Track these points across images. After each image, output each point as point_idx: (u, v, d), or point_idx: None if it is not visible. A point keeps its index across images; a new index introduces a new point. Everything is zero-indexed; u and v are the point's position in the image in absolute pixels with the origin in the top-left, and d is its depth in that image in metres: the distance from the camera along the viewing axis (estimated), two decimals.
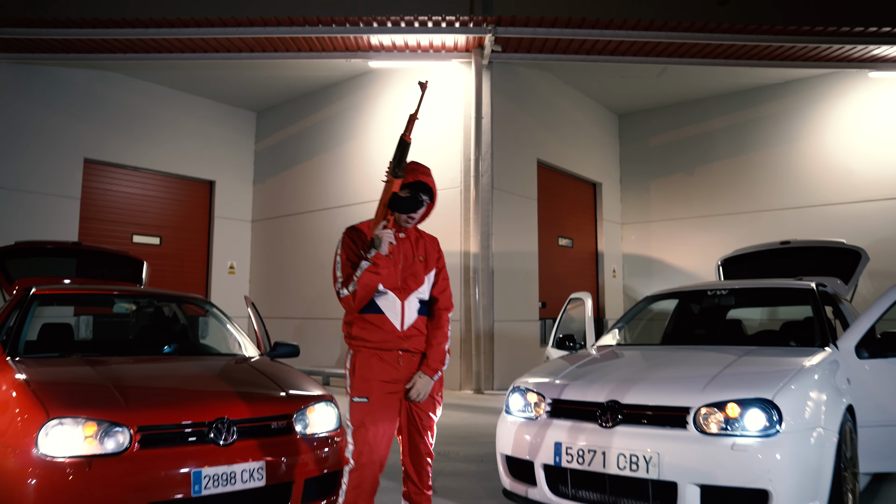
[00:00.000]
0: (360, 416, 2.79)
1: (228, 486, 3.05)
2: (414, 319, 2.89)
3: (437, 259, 3.04)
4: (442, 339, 2.93)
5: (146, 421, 3.00)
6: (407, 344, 2.86)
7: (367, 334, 2.85)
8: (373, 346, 2.85)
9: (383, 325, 2.84)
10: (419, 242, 3.00)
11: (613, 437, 3.14)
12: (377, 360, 2.83)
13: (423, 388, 2.84)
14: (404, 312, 2.87)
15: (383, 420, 2.80)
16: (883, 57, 10.03)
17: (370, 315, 2.85)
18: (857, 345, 3.76)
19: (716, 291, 4.72)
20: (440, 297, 3.00)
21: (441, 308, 2.99)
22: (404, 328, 2.86)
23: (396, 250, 2.90)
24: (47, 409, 2.91)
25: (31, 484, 2.75)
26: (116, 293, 4.90)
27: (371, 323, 2.85)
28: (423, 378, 2.84)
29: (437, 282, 3.02)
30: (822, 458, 2.98)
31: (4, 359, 3.56)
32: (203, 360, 4.25)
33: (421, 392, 2.84)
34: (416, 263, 2.95)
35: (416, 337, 2.89)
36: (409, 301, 2.89)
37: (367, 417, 2.78)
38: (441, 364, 2.90)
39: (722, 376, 3.23)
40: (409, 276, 2.91)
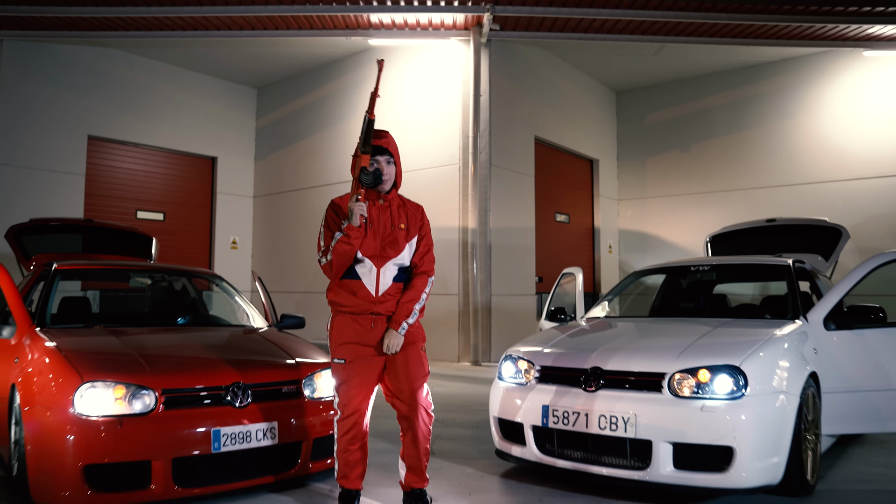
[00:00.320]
0: (341, 375, 3.09)
1: (244, 444, 3.37)
2: (388, 286, 3.11)
3: (420, 227, 3.22)
4: (411, 298, 3.12)
5: (169, 385, 3.32)
6: (379, 308, 3.09)
7: (342, 299, 3.10)
8: (348, 310, 3.10)
9: (358, 291, 3.08)
10: (401, 211, 3.20)
11: (595, 400, 3.45)
12: (352, 323, 3.09)
13: (392, 341, 3.05)
14: (379, 279, 3.09)
15: (361, 378, 3.06)
16: (877, 36, 10.18)
17: (347, 281, 3.09)
18: (825, 317, 4.06)
19: (699, 267, 5.02)
20: (420, 262, 3.19)
21: (419, 271, 3.18)
22: (378, 294, 3.09)
23: (376, 219, 3.12)
24: (81, 374, 3.22)
25: (70, 440, 3.08)
26: (133, 268, 5.20)
27: (347, 288, 3.09)
28: (389, 332, 3.06)
29: (418, 248, 3.21)
30: (783, 419, 3.30)
31: (34, 329, 3.86)
32: (216, 331, 4.57)
33: (391, 345, 3.05)
34: (397, 231, 3.15)
35: (389, 302, 3.10)
36: (386, 268, 3.11)
37: (346, 376, 3.07)
38: (405, 318, 3.09)
39: (695, 345, 3.54)
40: (389, 244, 3.12)
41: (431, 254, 3.26)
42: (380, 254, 3.10)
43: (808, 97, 11.70)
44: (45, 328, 3.94)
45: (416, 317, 3.14)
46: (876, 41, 10.36)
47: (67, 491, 3.07)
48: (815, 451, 3.66)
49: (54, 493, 3.10)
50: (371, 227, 3.10)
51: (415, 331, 3.16)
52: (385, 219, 3.15)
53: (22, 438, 3.25)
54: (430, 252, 3.25)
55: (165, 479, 3.18)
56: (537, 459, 3.67)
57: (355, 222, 3.00)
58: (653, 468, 3.27)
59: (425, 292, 3.18)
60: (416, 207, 3.28)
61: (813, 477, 3.59)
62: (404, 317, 3.09)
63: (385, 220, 3.15)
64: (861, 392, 4.02)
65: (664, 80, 13.20)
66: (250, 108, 13.61)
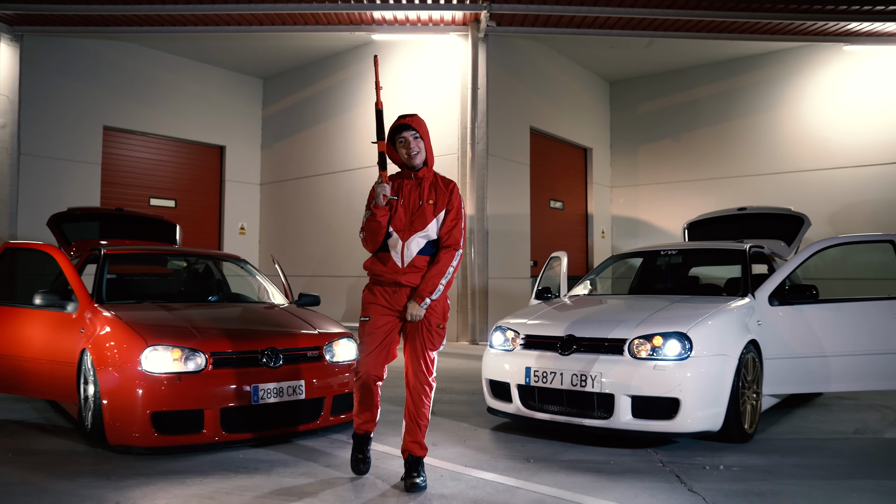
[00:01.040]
0: (363, 330, 3.46)
1: (278, 398, 4.14)
2: (413, 257, 3.37)
3: (448, 201, 3.43)
4: (436, 273, 3.35)
5: (216, 349, 4.07)
6: (402, 279, 3.38)
7: (374, 268, 3.47)
8: (377, 278, 3.47)
9: (386, 262, 3.42)
10: (432, 187, 3.45)
11: (568, 361, 4.21)
12: (379, 288, 3.46)
13: (414, 311, 3.33)
14: (404, 251, 3.38)
15: (377, 335, 3.38)
16: (857, 31, 10.84)
17: (380, 253, 3.46)
18: (769, 295, 4.80)
19: (668, 251, 5.77)
20: (447, 236, 3.41)
21: (445, 244, 3.41)
22: (404, 265, 3.38)
23: (406, 195, 3.42)
24: (145, 339, 3.97)
25: (139, 392, 3.84)
26: (171, 252, 5.95)
27: (380, 259, 3.46)
28: (412, 304, 3.34)
29: (445, 222, 3.42)
30: (722, 376, 4.05)
31: (94, 305, 4.60)
32: (246, 306, 5.32)
33: (412, 315, 3.35)
34: (426, 206, 3.40)
35: (412, 273, 3.37)
36: (411, 241, 3.38)
37: (367, 331, 3.43)
38: (429, 293, 3.33)
39: (653, 317, 4.29)
40: (416, 219, 3.38)
41: (459, 228, 3.42)
42: (407, 227, 3.38)
43: (791, 89, 12.38)
44: (103, 304, 4.68)
45: (440, 292, 3.36)
46: (855, 36, 11.01)
47: (138, 433, 3.83)
48: (755, 407, 4.43)
49: (127, 436, 3.87)
50: (402, 203, 3.40)
51: (437, 307, 3.39)
52: (415, 195, 3.42)
53: (97, 394, 4.01)
54: (457, 226, 3.42)
55: (215, 425, 3.95)
56: (521, 413, 4.44)
57: (380, 202, 3.34)
58: (615, 417, 4.04)
59: (452, 266, 3.38)
60: (446, 183, 3.49)
61: (752, 427, 4.36)
62: (428, 292, 3.33)
63: (415, 195, 3.42)
64: (798, 358, 4.77)
65: (656, 71, 13.86)
66: (257, 98, 14.28)
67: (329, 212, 12.85)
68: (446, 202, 3.42)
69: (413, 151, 3.39)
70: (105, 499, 3.18)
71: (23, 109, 10.93)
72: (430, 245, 3.41)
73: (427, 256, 3.41)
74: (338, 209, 12.68)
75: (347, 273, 12.29)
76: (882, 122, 11.48)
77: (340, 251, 12.49)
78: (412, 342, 3.43)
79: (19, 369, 4.97)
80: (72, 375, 4.46)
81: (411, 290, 3.40)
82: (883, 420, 5.06)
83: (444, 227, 3.41)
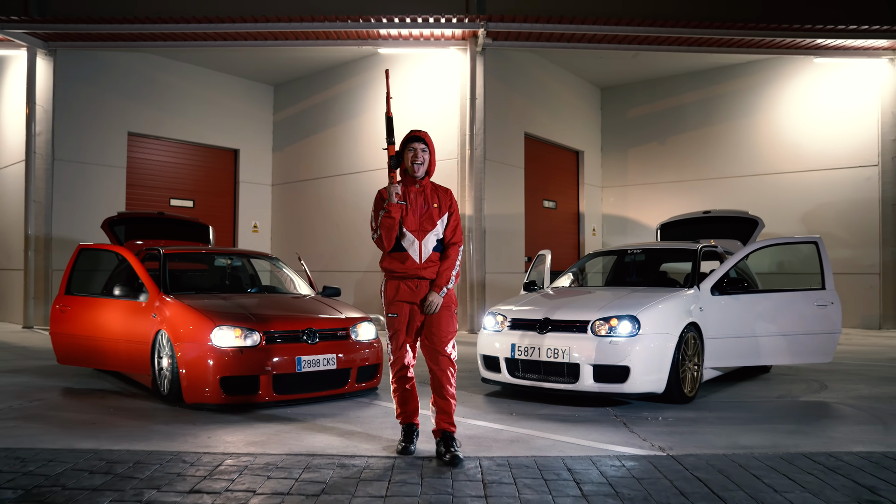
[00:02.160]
0: (393, 326, 3.96)
1: (315, 367, 5.36)
2: (429, 254, 3.91)
3: (449, 205, 3.98)
4: (448, 266, 3.92)
5: (267, 328, 5.29)
6: (423, 273, 3.89)
7: (394, 267, 3.92)
8: (398, 275, 3.93)
9: (405, 261, 3.89)
10: (434, 193, 3.99)
11: (545, 339, 5.44)
12: (401, 285, 3.93)
13: (434, 301, 3.87)
14: (421, 249, 3.89)
15: (410, 330, 3.94)
16: (825, 46, 12.05)
17: (396, 253, 3.92)
18: (712, 286, 6.02)
19: (633, 251, 7.00)
20: (452, 235, 3.97)
21: (450, 243, 3.96)
22: (422, 261, 3.89)
23: (413, 201, 3.90)
24: (213, 321, 5.20)
25: (210, 362, 5.06)
26: (216, 251, 7.18)
27: (397, 258, 3.92)
28: (432, 294, 3.88)
29: (448, 223, 3.97)
30: (664, 350, 5.28)
31: (162, 295, 5.82)
32: (282, 295, 6.55)
33: (432, 304, 3.86)
34: (431, 209, 3.92)
35: (430, 267, 3.91)
36: (426, 240, 3.90)
37: (397, 327, 3.94)
38: (445, 283, 3.89)
39: (611, 304, 5.51)
40: (426, 220, 3.90)
41: (460, 228, 4.02)
42: (420, 228, 3.89)
43: (767, 97, 13.59)
44: (169, 294, 5.90)
45: (453, 282, 3.95)
46: (824, 50, 12.22)
47: (210, 393, 5.06)
48: (695, 376, 5.65)
49: (201, 395, 5.10)
50: (410, 207, 3.90)
51: (450, 296, 3.98)
52: (420, 200, 3.93)
53: (174, 364, 5.23)
54: (458, 226, 4.02)
55: (268, 388, 5.17)
56: (508, 380, 5.67)
57: (393, 199, 3.80)
58: (580, 382, 5.27)
59: (458, 259, 4.00)
60: (444, 190, 4.05)
61: (692, 391, 5.58)
62: (445, 283, 3.90)
63: (420, 201, 3.93)
64: (733, 338, 6.00)
65: (644, 79, 15.07)
66: (268, 104, 15.48)
67: (337, 211, 14.06)
68: (448, 206, 4.00)
69: (419, 161, 3.90)
70: (198, 434, 4.41)
71: (56, 118, 12.13)
72: (439, 243, 3.97)
73: (438, 252, 3.96)
74: (345, 209, 13.90)
75: (355, 268, 13.52)
76: (849, 128, 12.70)
77: (348, 248, 13.71)
78: (433, 330, 3.89)
79: (99, 348, 6.22)
80: (146, 352, 5.69)
81: (430, 282, 3.94)
82: (807, 389, 6.28)
83: (449, 227, 3.98)
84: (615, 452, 4.03)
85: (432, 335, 3.91)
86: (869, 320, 12.49)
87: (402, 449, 4.00)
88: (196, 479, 3.46)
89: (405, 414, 4.05)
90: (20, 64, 12.52)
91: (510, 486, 3.38)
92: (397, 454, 3.97)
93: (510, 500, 3.17)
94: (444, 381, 3.87)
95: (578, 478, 3.52)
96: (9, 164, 12.99)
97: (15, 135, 12.79)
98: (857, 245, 12.61)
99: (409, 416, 4.05)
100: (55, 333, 6.60)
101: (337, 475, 3.55)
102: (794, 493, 3.26)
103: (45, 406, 5.37)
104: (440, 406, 3.88)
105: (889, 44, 11.89)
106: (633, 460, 3.86)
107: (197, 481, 3.42)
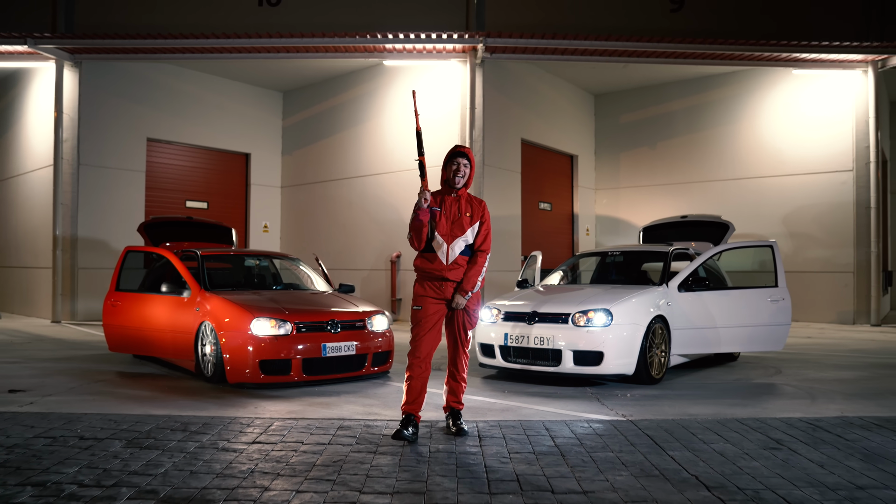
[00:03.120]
0: (416, 318, 4.48)
1: (337, 353, 6.42)
2: (456, 257, 4.38)
3: (482, 216, 4.49)
4: (475, 272, 4.41)
5: (297, 319, 6.34)
6: (449, 274, 4.39)
7: (423, 265, 4.48)
8: (426, 274, 4.48)
9: (433, 261, 4.43)
10: (468, 203, 4.50)
11: (533, 329, 6.49)
12: (428, 283, 4.47)
13: (459, 301, 4.40)
14: (449, 252, 4.39)
15: (429, 321, 4.45)
16: (803, 59, 13.08)
17: (427, 254, 4.48)
18: (679, 284, 7.07)
19: (613, 253, 8.06)
20: (482, 243, 4.47)
21: (479, 250, 4.46)
22: (448, 263, 4.39)
23: (448, 208, 4.43)
24: (252, 313, 6.25)
25: (250, 348, 6.12)
26: (245, 253, 8.23)
27: (427, 258, 4.48)
28: (457, 297, 4.41)
29: (479, 231, 4.46)
30: (634, 338, 6.33)
31: (203, 291, 6.86)
32: (304, 291, 7.61)
33: (457, 304, 4.40)
34: (464, 217, 4.42)
35: (456, 270, 4.39)
36: (455, 244, 4.40)
37: (419, 318, 4.46)
38: (471, 287, 4.39)
39: (589, 299, 6.57)
40: (456, 227, 4.41)
41: (490, 237, 4.50)
42: (450, 233, 4.40)
43: (751, 106, 14.65)
44: (209, 290, 6.94)
45: (478, 287, 4.45)
46: (802, 62, 13.25)
47: (250, 374, 6.11)
48: (662, 361, 6.71)
49: (242, 376, 6.15)
50: (444, 213, 4.41)
51: (474, 297, 4.50)
52: (455, 208, 4.45)
53: (218, 350, 6.28)
54: (489, 236, 4.50)
55: (298, 370, 6.23)
56: (502, 365, 6.74)
57: (421, 204, 4.33)
58: (562, 365, 6.32)
59: (485, 266, 4.50)
60: (479, 202, 4.54)
61: (659, 374, 6.64)
62: (470, 287, 4.41)
63: (455, 209, 4.45)
64: (696, 329, 7.06)
65: (635, 86, 16.12)
66: (277, 110, 16.52)
67: (343, 213, 15.11)
68: (480, 216, 4.51)
69: (461, 174, 4.46)
70: (245, 405, 5.47)
71: (81, 125, 13.16)
72: (467, 248, 4.46)
73: (466, 256, 4.45)
74: (352, 210, 14.95)
75: (361, 267, 14.57)
76: (826, 135, 13.75)
77: (354, 248, 14.76)
78: (453, 325, 4.51)
79: (147, 338, 7.28)
80: (190, 341, 6.75)
81: (456, 283, 4.45)
82: (763, 374, 7.34)
83: (479, 236, 4.49)
84: (586, 418, 5.09)
85: (455, 327, 4.51)
86: (844, 315, 13.55)
87: (397, 434, 4.33)
88: (254, 434, 4.52)
89: (411, 404, 4.42)
90: (47, 75, 13.55)
91: (500, 439, 4.44)
92: (392, 438, 4.34)
93: (499, 447, 4.23)
94: (459, 366, 4.54)
95: (553, 434, 4.58)
96: (36, 169, 14.03)
97: (42, 141, 13.82)
98: (834, 245, 13.67)
99: (414, 407, 4.43)
100: (108, 325, 7.67)
101: (364, 432, 4.61)
102: (718, 444, 4.32)
103: (109, 385, 6.43)
104: (452, 387, 4.57)
105: (862, 57, 12.93)
106: (598, 423, 4.92)
107: (256, 436, 4.48)
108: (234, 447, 4.19)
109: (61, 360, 8.05)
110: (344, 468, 3.77)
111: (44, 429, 4.59)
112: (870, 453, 4.10)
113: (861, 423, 4.90)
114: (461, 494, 3.35)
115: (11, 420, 4.84)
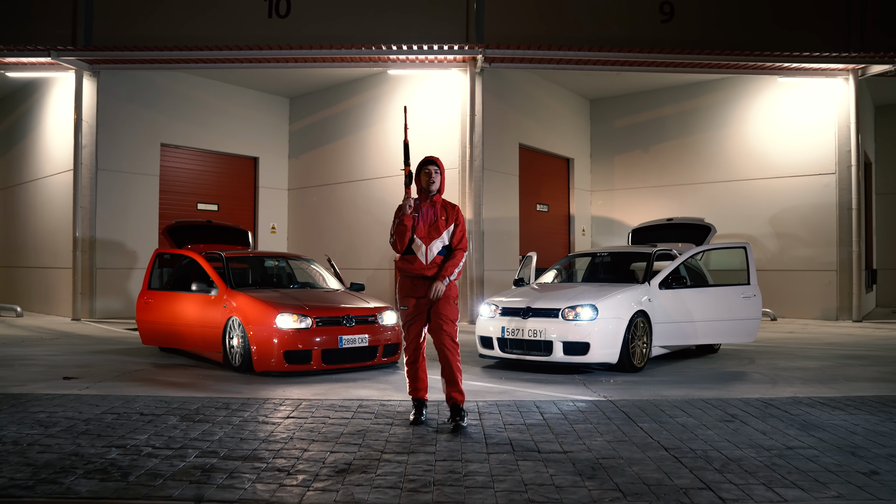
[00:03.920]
0: (404, 317, 5.00)
1: (352, 345, 7.26)
2: (434, 257, 4.87)
3: (456, 218, 4.96)
4: (453, 264, 4.88)
5: (317, 314, 7.18)
6: (427, 272, 4.88)
7: (404, 266, 4.96)
8: (407, 273, 4.96)
9: (414, 262, 4.90)
10: (443, 208, 4.96)
11: (527, 322, 7.34)
12: (410, 282, 4.97)
13: (438, 289, 4.81)
14: (427, 253, 4.88)
15: (416, 316, 4.94)
16: (787, 67, 13.92)
17: (407, 255, 4.94)
18: (659, 282, 7.92)
19: (601, 253, 8.91)
20: (458, 243, 4.95)
21: (457, 248, 4.93)
22: (427, 262, 4.87)
23: (425, 213, 4.89)
24: (276, 308, 7.09)
25: (275, 340, 6.96)
26: (265, 255, 9.08)
27: (408, 260, 4.95)
28: (436, 283, 4.82)
29: (454, 233, 4.95)
30: (617, 330, 7.17)
31: (230, 289, 7.70)
32: (319, 289, 8.45)
33: (436, 291, 4.80)
34: (440, 221, 4.89)
35: (434, 269, 4.87)
36: (432, 245, 4.88)
37: (407, 317, 4.96)
38: (448, 275, 4.82)
39: (578, 295, 7.42)
40: (433, 230, 4.89)
41: (465, 237, 4.98)
42: (427, 235, 4.88)
43: (739, 111, 15.50)
44: (235, 289, 7.78)
45: (455, 275, 4.91)
46: (787, 70, 14.09)
47: (275, 364, 6.96)
48: (644, 352, 7.55)
49: (268, 365, 7.00)
50: (422, 218, 4.91)
51: (452, 288, 4.93)
52: (431, 213, 4.94)
53: (246, 342, 7.12)
54: (464, 236, 4.99)
55: (317, 359, 7.07)
56: (499, 355, 7.58)
57: (407, 210, 4.83)
58: (553, 355, 7.17)
59: (462, 261, 4.96)
60: (452, 206, 5.02)
61: (641, 363, 7.48)
62: (448, 274, 4.87)
63: (431, 213, 4.94)
64: (675, 323, 7.90)
65: (629, 92, 16.96)
66: (284, 115, 17.36)
67: (348, 214, 15.95)
68: (454, 219, 5.01)
69: (433, 181, 4.96)
70: (274, 389, 6.32)
71: (99, 132, 13.99)
72: (444, 248, 4.97)
73: (442, 256, 4.96)
74: (356, 212, 15.79)
75: (366, 266, 15.41)
76: (810, 140, 14.59)
77: (359, 248, 15.60)
78: (436, 316, 4.89)
79: (178, 332, 8.12)
80: (218, 335, 7.59)
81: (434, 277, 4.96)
82: (737, 364, 8.18)
83: (455, 237, 4.99)
84: (571, 399, 5.94)
85: (436, 315, 4.89)
86: (827, 312, 14.40)
87: (414, 420, 4.94)
88: (287, 410, 5.37)
89: (415, 390, 5.04)
90: (65, 83, 14.38)
91: (496, 415, 5.29)
92: (409, 425, 4.89)
93: (496, 420, 5.08)
94: (449, 355, 4.87)
95: (542, 410, 5.43)
96: (56, 173, 14.86)
97: (60, 146, 14.65)
98: (817, 245, 14.52)
99: (418, 392, 5.04)
100: (141, 321, 8.51)
101: (381, 410, 5.46)
102: (681, 418, 5.17)
103: (147, 374, 7.27)
104: (447, 377, 4.91)
105: (844, 66, 13.78)
106: (582, 403, 5.77)
107: (289, 412, 5.33)
108: (272, 420, 5.04)
109: (96, 353, 8.89)
110: (367, 436, 4.62)
111: (107, 407, 5.44)
112: (807, 424, 4.95)
113: (808, 402, 5.75)
114: (465, 453, 4.20)
115: (77, 401, 5.68)
